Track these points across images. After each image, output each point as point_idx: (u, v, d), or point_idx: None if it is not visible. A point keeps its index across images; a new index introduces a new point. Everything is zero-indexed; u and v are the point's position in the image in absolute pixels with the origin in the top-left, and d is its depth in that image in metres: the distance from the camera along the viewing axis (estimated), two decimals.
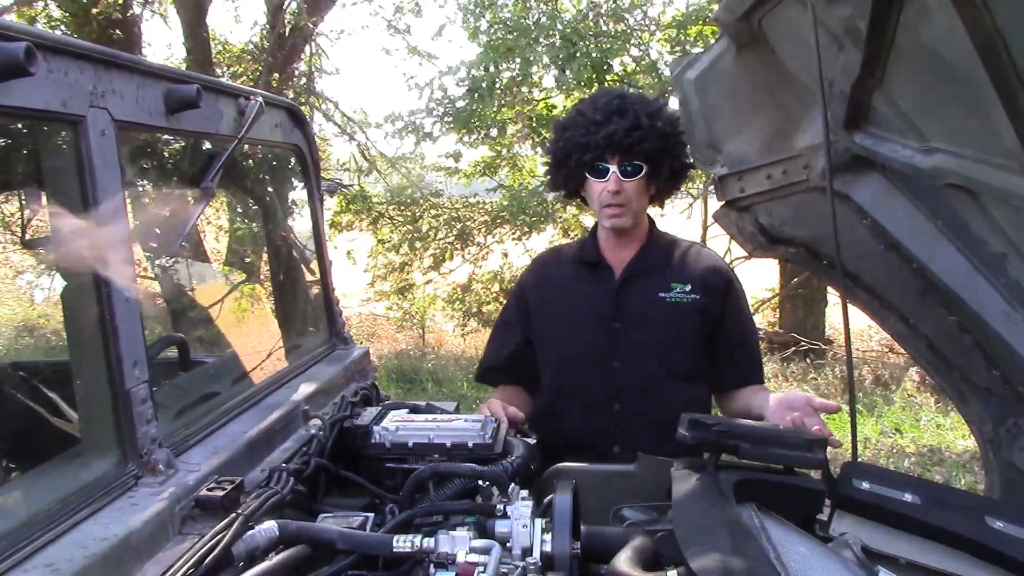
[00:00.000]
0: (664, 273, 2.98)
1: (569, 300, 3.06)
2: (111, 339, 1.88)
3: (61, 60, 1.76)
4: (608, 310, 2.97)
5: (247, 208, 5.29)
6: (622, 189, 2.86)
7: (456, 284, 12.42)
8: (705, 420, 2.25)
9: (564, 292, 3.08)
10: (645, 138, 2.81)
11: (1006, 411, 2.37)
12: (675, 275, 2.97)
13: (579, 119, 2.89)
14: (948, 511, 2.06)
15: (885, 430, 8.08)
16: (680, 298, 2.94)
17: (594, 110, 2.87)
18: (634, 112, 2.82)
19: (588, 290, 3.04)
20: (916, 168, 2.10)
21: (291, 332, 3.79)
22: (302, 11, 10.37)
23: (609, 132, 2.81)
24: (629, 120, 2.81)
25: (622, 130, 2.80)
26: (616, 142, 2.81)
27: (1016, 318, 2.16)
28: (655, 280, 2.97)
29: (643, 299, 2.96)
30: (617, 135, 2.80)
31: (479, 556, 1.79)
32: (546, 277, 3.19)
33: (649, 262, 3.00)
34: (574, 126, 2.89)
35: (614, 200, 2.88)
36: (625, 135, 2.80)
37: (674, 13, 10.41)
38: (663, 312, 2.94)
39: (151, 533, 1.76)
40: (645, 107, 2.85)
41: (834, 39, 2.05)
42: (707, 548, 1.82)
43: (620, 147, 2.82)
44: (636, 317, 2.95)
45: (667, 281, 2.96)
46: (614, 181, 2.85)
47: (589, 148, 2.85)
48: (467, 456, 2.36)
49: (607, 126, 2.81)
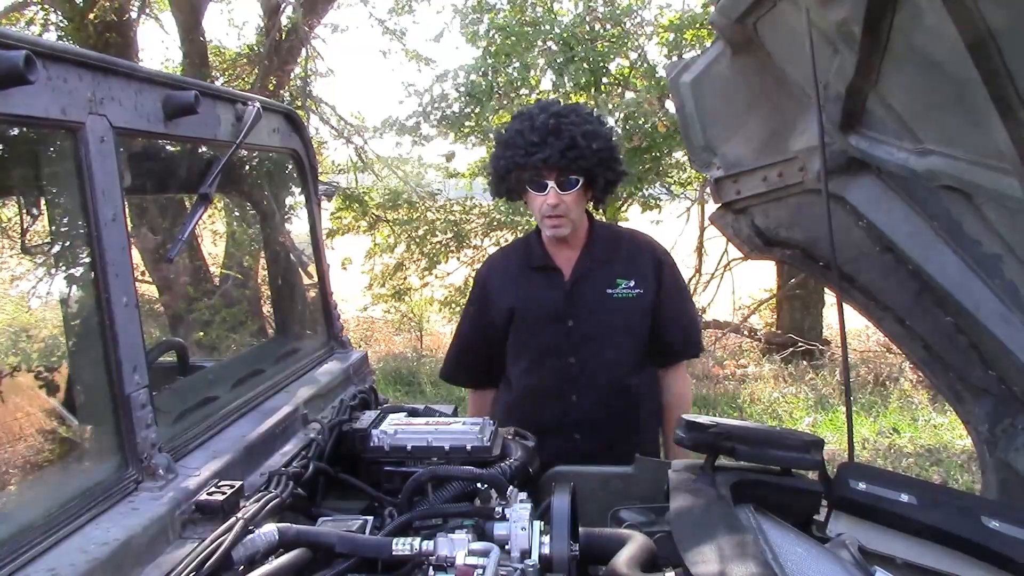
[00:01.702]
0: (609, 269, 3.24)
1: (526, 303, 3.29)
2: (111, 344, 1.89)
3: (60, 68, 1.77)
4: (561, 310, 3.21)
5: (244, 213, 5.29)
6: (560, 202, 3.08)
7: (453, 287, 12.41)
8: (702, 422, 2.27)
9: (520, 295, 3.31)
10: (581, 156, 3.01)
11: (1002, 411, 2.38)
12: (619, 270, 3.24)
13: (518, 139, 3.06)
14: (944, 511, 2.07)
15: (883, 430, 8.10)
16: (625, 293, 3.21)
17: (532, 130, 3.03)
18: (569, 133, 2.99)
19: (541, 293, 3.27)
20: (911, 170, 2.11)
21: (289, 336, 3.79)
22: (298, 14, 10.35)
23: (545, 156, 2.99)
24: (565, 141, 2.99)
25: (557, 152, 2.98)
26: (552, 164, 3.01)
27: (1011, 318, 2.17)
28: (601, 277, 3.23)
29: (592, 297, 3.22)
30: (552, 157, 2.99)
31: (478, 559, 1.80)
32: (504, 282, 3.40)
33: (595, 259, 3.24)
34: (513, 146, 3.07)
35: (554, 212, 3.10)
36: (560, 156, 2.99)
37: (670, 16, 10.42)
38: (610, 308, 3.21)
39: (151, 537, 1.76)
40: (580, 126, 3.02)
41: (829, 42, 2.06)
42: (705, 549, 1.84)
43: (556, 167, 3.02)
44: (587, 314, 3.21)
45: (612, 277, 3.23)
46: (552, 195, 3.07)
47: (527, 168, 3.06)
48: (465, 459, 2.37)
49: (544, 149, 2.99)
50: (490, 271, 3.51)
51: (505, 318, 3.30)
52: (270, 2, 11.01)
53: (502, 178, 3.18)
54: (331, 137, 12.81)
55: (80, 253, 1.89)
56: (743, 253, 2.87)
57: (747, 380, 10.01)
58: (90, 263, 1.87)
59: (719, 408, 8.86)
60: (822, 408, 8.79)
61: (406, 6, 11.85)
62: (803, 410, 8.76)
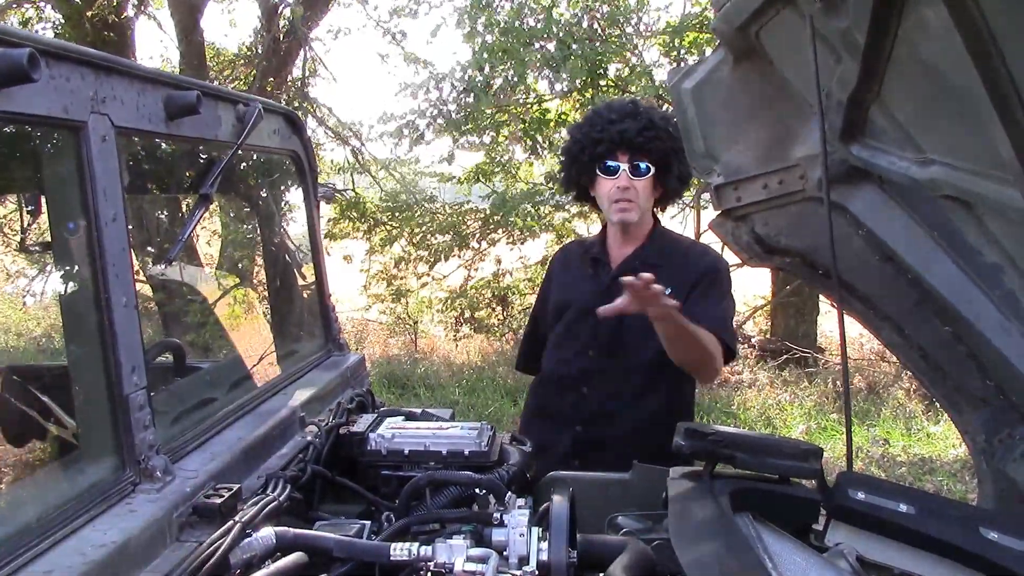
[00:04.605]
0: (655, 274, 3.02)
1: (570, 292, 3.30)
2: (110, 345, 1.88)
3: (63, 66, 1.76)
4: (597, 303, 3.07)
5: (242, 213, 5.28)
6: (631, 186, 3.07)
7: (451, 289, 12.40)
8: (701, 429, 2.27)
9: (568, 284, 3.34)
10: (657, 137, 3.02)
11: (1000, 421, 2.37)
12: (665, 278, 3.01)
13: (594, 118, 3.12)
14: (942, 521, 2.07)
15: (876, 439, 8.10)
16: None
17: (609, 110, 3.10)
18: (647, 115, 3.05)
19: (584, 283, 3.27)
20: (912, 179, 2.11)
21: (287, 338, 3.78)
22: (297, 15, 10.34)
23: (622, 129, 3.02)
24: (642, 121, 3.03)
25: (634, 129, 3.01)
26: (627, 139, 3.02)
27: (1011, 329, 2.17)
28: None
29: None
30: (629, 132, 3.01)
31: (476, 565, 1.80)
32: (561, 272, 3.44)
33: (644, 260, 3.15)
34: (589, 124, 3.12)
35: (623, 196, 3.08)
36: (636, 133, 3.01)
37: (669, 19, 10.43)
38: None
39: (149, 540, 1.76)
40: (658, 112, 3.10)
41: (832, 51, 2.06)
42: (703, 557, 1.83)
43: (631, 145, 3.03)
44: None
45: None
46: (624, 178, 3.07)
47: (602, 142, 3.06)
48: (463, 464, 2.37)
49: (620, 124, 3.03)
50: (557, 258, 3.58)
51: (551, 304, 3.37)
52: (268, 3, 11.00)
53: (574, 159, 3.18)
54: (327, 139, 12.81)
55: (80, 253, 1.88)
56: (743, 260, 2.86)
57: (741, 387, 10.00)
58: (90, 263, 1.86)
59: (713, 414, 8.86)
60: (816, 416, 8.79)
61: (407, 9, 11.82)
62: (797, 417, 8.76)
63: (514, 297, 12.48)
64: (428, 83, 10.66)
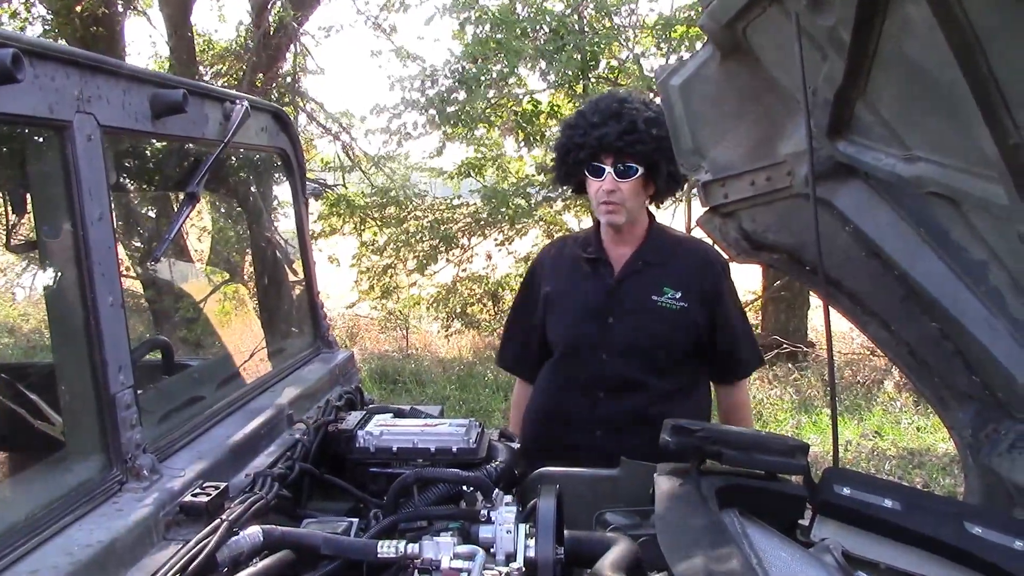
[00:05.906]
0: (659, 274, 3.15)
1: (570, 293, 3.25)
2: (96, 343, 1.88)
3: (47, 66, 1.76)
4: (603, 306, 3.15)
5: (231, 211, 5.27)
6: (617, 188, 3.03)
7: (441, 285, 12.40)
8: (688, 426, 2.27)
9: (567, 285, 3.27)
10: (640, 140, 2.96)
11: (986, 417, 2.39)
12: (668, 278, 3.15)
13: (580, 120, 3.08)
14: (928, 516, 2.07)
15: (866, 433, 8.13)
16: (669, 304, 3.11)
17: (593, 112, 3.05)
18: (630, 117, 2.97)
19: (587, 284, 3.22)
20: (898, 176, 2.12)
21: (275, 335, 3.78)
22: (287, 9, 10.31)
23: (601, 135, 2.98)
24: (624, 124, 2.97)
25: (615, 133, 2.96)
26: (607, 144, 2.98)
27: (996, 325, 2.18)
28: (649, 281, 3.15)
29: (636, 299, 3.14)
30: (608, 137, 2.97)
31: (463, 562, 1.80)
32: (553, 268, 3.37)
33: (646, 260, 3.17)
34: (575, 126, 3.08)
35: (609, 198, 3.04)
36: (617, 138, 2.96)
37: (659, 13, 10.45)
38: (652, 315, 3.11)
39: (135, 539, 1.75)
40: (643, 112, 3.00)
41: (818, 48, 2.06)
42: (689, 553, 1.84)
43: (612, 149, 2.98)
44: (627, 315, 3.14)
45: (660, 284, 3.13)
46: (609, 181, 3.03)
47: (584, 148, 3.02)
48: (451, 461, 2.37)
49: (601, 128, 2.98)
50: (545, 255, 3.51)
51: (544, 302, 3.30)
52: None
53: (562, 160, 3.17)
54: (319, 135, 12.78)
55: (66, 252, 1.88)
56: (730, 256, 2.87)
57: None
58: (76, 262, 1.86)
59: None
60: (806, 410, 8.82)
61: (396, 3, 11.79)
62: (787, 412, 8.78)
63: (504, 292, 12.48)
64: (421, 75, 10.65)
